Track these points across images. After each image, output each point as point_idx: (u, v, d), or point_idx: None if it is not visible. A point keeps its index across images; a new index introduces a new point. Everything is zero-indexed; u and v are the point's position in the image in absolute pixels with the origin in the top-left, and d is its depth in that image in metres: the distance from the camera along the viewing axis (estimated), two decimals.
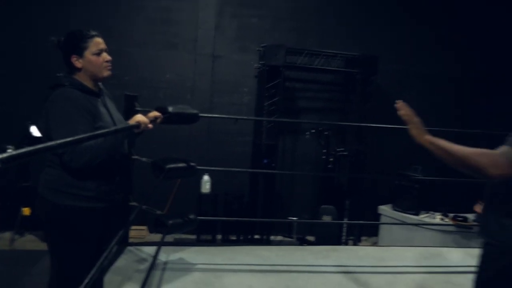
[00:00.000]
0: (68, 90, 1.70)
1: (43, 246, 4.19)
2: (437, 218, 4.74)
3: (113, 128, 1.74)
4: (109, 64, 1.81)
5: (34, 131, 4.17)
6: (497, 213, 1.53)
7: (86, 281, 1.16)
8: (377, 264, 3.17)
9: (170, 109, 2.28)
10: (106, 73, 1.82)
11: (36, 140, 4.08)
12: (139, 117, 1.79)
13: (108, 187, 1.78)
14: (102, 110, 1.80)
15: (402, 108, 1.65)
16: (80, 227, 1.73)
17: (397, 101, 1.68)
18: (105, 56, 1.80)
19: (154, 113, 1.94)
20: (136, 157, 2.92)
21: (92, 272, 1.20)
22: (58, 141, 0.93)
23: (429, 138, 1.53)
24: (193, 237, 4.80)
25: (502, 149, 1.39)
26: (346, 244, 4.87)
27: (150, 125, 1.84)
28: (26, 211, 4.28)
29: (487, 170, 1.35)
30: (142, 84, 4.87)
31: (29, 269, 3.20)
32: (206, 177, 4.82)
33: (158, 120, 1.98)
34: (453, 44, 5.40)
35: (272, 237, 5.12)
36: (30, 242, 4.33)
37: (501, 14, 5.37)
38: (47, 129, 1.68)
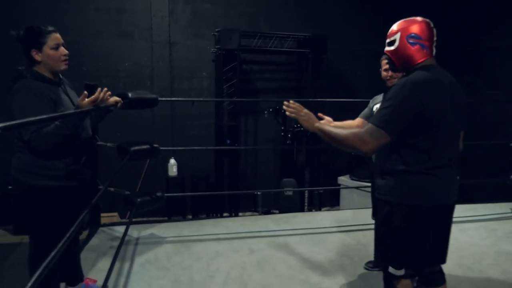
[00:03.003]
0: (29, 81, 1.85)
1: (13, 239, 4.25)
2: None
3: (70, 111, 1.89)
4: (66, 57, 1.96)
5: None
6: (380, 171, 1.78)
7: (55, 250, 1.25)
8: (332, 225, 3.52)
9: (130, 94, 2.46)
10: (63, 66, 1.96)
11: None
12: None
13: (75, 166, 1.96)
14: (63, 97, 1.96)
15: (287, 108, 1.80)
16: (53, 205, 1.91)
17: (284, 103, 1.82)
18: (63, 50, 1.94)
19: (115, 98, 2.12)
20: (101, 143, 3.07)
21: (62, 241, 1.31)
22: (35, 118, 1.10)
23: (318, 126, 1.75)
24: (164, 219, 4.99)
25: (367, 126, 1.62)
26: None
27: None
28: None
29: (361, 149, 1.60)
30: (101, 73, 4.93)
31: (1, 262, 3.30)
32: (172, 161, 4.99)
33: (119, 105, 2.15)
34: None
35: (240, 214, 5.39)
36: (0, 236, 4.37)
37: None
38: (12, 118, 1.82)
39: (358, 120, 2.76)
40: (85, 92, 1.80)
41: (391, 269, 1.75)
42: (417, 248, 1.70)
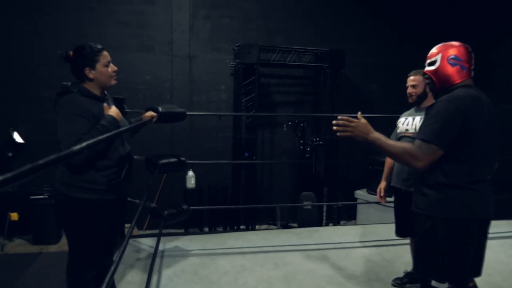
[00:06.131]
0: (73, 95, 1.90)
1: (33, 249, 4.28)
2: None
3: (130, 125, 1.96)
4: (115, 74, 2.03)
5: (17, 137, 4.23)
6: (420, 186, 1.81)
7: (113, 269, 1.22)
8: (354, 240, 3.50)
9: (160, 109, 2.50)
10: (113, 82, 2.06)
11: (19, 146, 4.14)
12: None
13: (116, 180, 1.99)
14: None
15: (337, 128, 1.69)
16: (93, 217, 1.95)
17: (333, 122, 1.69)
18: (113, 67, 2.04)
19: (151, 113, 2.17)
20: None
21: (116, 259, 1.30)
22: (104, 136, 1.13)
23: (372, 137, 1.68)
24: (181, 231, 5.00)
25: (417, 143, 1.66)
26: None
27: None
28: (14, 216, 4.33)
29: (414, 165, 1.66)
30: (122, 86, 4.96)
31: (21, 271, 3.33)
32: (190, 173, 5.02)
33: (154, 119, 2.20)
34: (408, 38, 5.80)
35: (257, 227, 5.38)
36: (20, 246, 4.40)
37: (448, 9, 5.80)
38: (57, 131, 1.87)
39: None
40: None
41: (434, 283, 1.76)
42: (461, 261, 1.72)
